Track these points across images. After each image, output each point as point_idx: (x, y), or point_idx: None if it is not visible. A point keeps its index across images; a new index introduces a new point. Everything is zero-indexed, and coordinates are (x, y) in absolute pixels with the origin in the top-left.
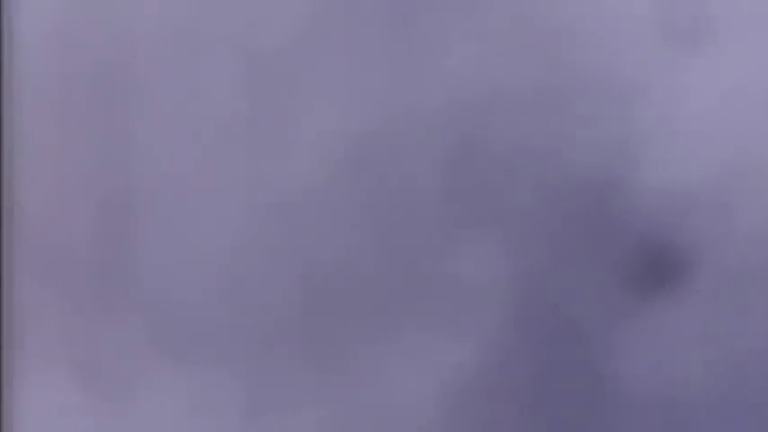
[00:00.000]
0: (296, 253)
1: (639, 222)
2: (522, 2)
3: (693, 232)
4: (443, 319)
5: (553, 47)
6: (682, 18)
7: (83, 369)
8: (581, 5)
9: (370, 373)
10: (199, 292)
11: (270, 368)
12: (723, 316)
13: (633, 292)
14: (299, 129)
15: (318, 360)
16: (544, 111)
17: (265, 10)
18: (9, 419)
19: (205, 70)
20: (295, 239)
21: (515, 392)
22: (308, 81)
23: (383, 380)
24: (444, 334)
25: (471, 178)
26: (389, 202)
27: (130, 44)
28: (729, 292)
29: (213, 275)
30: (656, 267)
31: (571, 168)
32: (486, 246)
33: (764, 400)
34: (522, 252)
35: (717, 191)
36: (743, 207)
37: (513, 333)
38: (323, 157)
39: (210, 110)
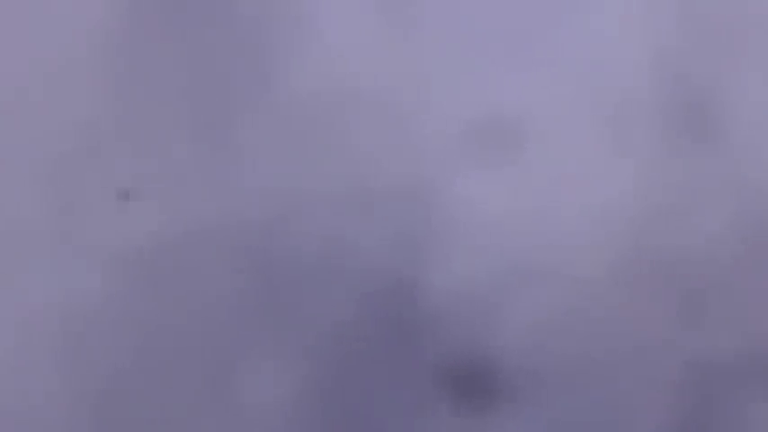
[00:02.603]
0: (82, 369)
1: (432, 328)
2: (319, 106)
3: (483, 337)
4: None
5: (346, 150)
6: (486, 132)
7: None
8: (381, 108)
9: None
10: None
11: None
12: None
13: (429, 403)
14: (93, 235)
15: None
16: (336, 216)
17: (61, 110)
18: None
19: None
20: (83, 352)
21: None
22: (106, 186)
23: None
24: None
25: (264, 288)
26: (180, 316)
27: None
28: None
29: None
30: (452, 376)
31: (363, 274)
32: (277, 360)
33: None
34: (312, 364)
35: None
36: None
37: None
38: (115, 266)
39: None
